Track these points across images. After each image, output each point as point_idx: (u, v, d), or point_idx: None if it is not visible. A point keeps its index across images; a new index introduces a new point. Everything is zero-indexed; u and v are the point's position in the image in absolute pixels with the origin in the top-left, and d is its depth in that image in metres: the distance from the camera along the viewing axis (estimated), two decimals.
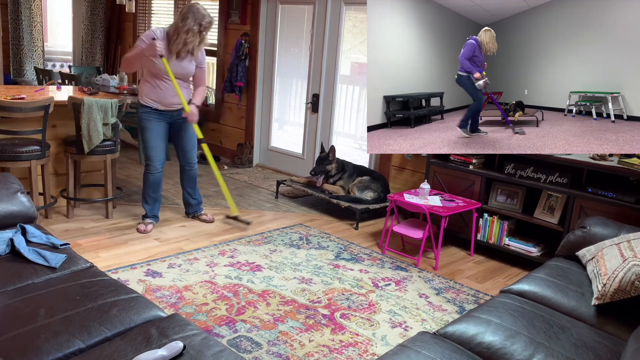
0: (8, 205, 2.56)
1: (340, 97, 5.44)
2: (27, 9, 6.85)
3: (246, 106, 6.19)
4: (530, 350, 1.93)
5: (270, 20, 5.90)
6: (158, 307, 2.05)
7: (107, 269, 3.29)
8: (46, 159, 3.89)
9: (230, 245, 3.86)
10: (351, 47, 5.32)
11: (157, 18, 7.24)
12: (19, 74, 6.94)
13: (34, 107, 3.73)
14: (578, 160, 3.57)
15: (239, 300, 3.07)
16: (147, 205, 4.05)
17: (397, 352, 1.88)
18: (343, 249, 3.97)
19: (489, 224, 3.93)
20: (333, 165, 4.81)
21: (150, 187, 3.99)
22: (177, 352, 1.67)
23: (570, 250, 2.86)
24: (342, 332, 2.82)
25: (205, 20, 3.69)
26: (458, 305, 3.23)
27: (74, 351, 1.74)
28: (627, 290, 2.18)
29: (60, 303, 1.96)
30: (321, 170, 4.83)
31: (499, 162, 4.01)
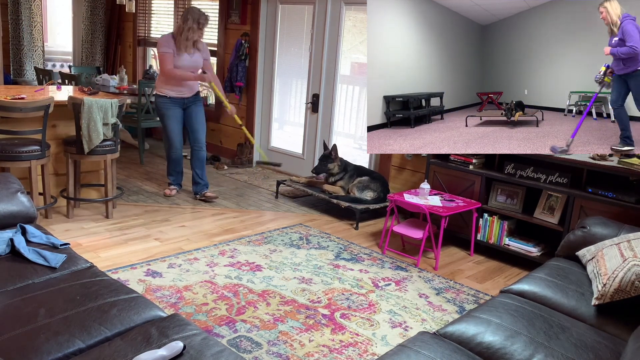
0: (8, 205, 2.56)
1: (340, 97, 5.44)
2: (27, 9, 6.85)
3: (246, 106, 6.19)
4: (530, 350, 1.93)
5: (270, 20, 5.90)
6: (158, 307, 2.05)
7: (107, 269, 3.29)
8: (46, 159, 3.89)
9: (230, 245, 3.86)
10: (351, 47, 5.32)
11: (157, 18, 7.24)
12: (19, 74, 6.93)
13: (34, 107, 3.73)
14: (578, 160, 3.57)
15: (239, 300, 3.07)
16: (171, 177, 4.87)
17: (397, 352, 1.88)
18: (343, 249, 3.97)
19: (489, 224, 3.93)
20: (335, 164, 4.80)
21: (172, 163, 4.80)
22: (177, 352, 1.67)
23: (570, 250, 2.86)
24: (342, 332, 2.82)
25: (202, 18, 4.43)
26: (458, 305, 3.23)
27: (74, 351, 1.74)
28: (627, 290, 2.18)
29: (60, 303, 1.96)
30: (323, 169, 4.82)
31: (499, 162, 4.01)
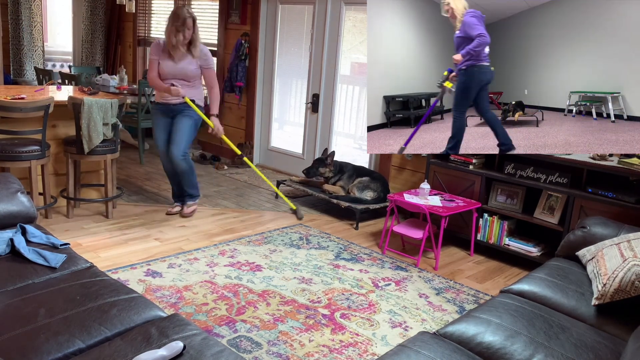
0: (8, 205, 2.56)
1: (340, 97, 5.44)
2: (27, 9, 6.85)
3: (246, 106, 6.19)
4: (530, 350, 1.93)
5: (270, 20, 5.90)
6: (158, 307, 2.05)
7: (107, 269, 3.29)
8: (46, 159, 3.89)
9: (230, 245, 3.86)
10: (351, 47, 5.32)
11: (157, 18, 7.24)
12: (19, 74, 6.94)
13: (34, 107, 3.73)
14: (578, 160, 3.57)
15: (239, 300, 3.07)
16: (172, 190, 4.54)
17: (397, 352, 1.88)
18: (343, 249, 3.97)
19: (489, 224, 3.93)
20: (327, 169, 4.83)
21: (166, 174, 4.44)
22: (177, 352, 1.67)
23: (570, 250, 2.86)
24: (342, 332, 2.82)
25: (177, 21, 4.03)
26: (458, 305, 3.23)
27: (74, 351, 1.74)
28: (627, 290, 2.18)
29: (60, 303, 1.96)
30: (314, 172, 4.86)
31: (499, 162, 4.01)
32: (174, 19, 4.05)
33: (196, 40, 4.13)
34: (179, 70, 4.13)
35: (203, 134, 6.72)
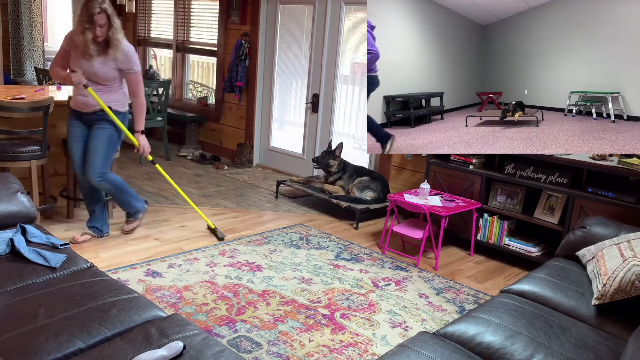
0: (8, 205, 2.56)
1: (340, 97, 5.44)
2: (27, 9, 6.84)
3: (246, 106, 6.19)
4: (530, 350, 1.93)
5: (270, 20, 5.90)
6: (158, 307, 2.05)
7: (107, 269, 3.29)
8: (46, 159, 3.89)
9: (230, 245, 3.86)
10: (351, 47, 5.32)
11: (157, 18, 7.24)
12: (19, 74, 6.93)
13: (34, 107, 3.73)
14: (578, 160, 3.57)
15: (239, 300, 3.07)
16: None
17: (397, 352, 1.88)
18: (343, 249, 3.97)
19: (489, 224, 3.93)
20: (336, 162, 4.81)
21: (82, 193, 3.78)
22: (177, 352, 1.67)
23: (570, 250, 2.86)
24: (342, 332, 2.82)
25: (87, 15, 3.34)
26: (458, 305, 3.23)
27: (74, 351, 1.74)
28: (627, 290, 2.18)
29: (60, 303, 1.96)
30: (324, 161, 4.83)
31: (499, 162, 4.01)
32: (81, 13, 3.34)
33: (114, 40, 3.37)
34: (89, 69, 3.42)
35: (203, 134, 6.75)
